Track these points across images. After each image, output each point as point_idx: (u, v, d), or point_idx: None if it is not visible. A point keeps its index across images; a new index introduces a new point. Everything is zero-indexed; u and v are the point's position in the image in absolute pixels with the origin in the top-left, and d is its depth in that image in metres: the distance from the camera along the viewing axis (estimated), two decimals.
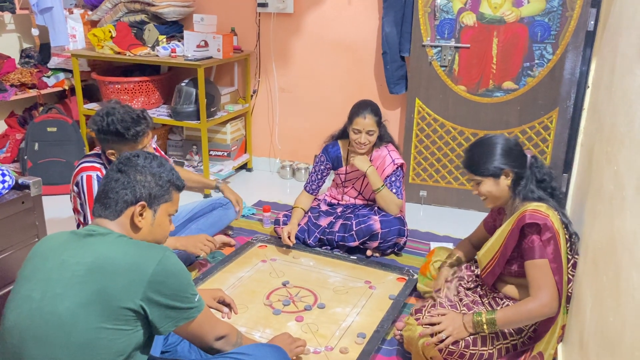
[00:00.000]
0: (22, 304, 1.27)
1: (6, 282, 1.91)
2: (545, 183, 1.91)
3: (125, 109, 2.22)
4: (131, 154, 1.45)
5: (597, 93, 2.08)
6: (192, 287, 1.37)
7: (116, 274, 1.25)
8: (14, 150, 3.75)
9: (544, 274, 1.74)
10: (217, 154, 3.90)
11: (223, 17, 3.83)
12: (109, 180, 1.39)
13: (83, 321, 1.22)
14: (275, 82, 3.92)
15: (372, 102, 2.78)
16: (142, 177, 1.40)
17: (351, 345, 2.02)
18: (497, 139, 1.93)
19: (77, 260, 1.27)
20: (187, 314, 1.35)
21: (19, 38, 3.95)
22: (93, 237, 1.32)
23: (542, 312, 1.73)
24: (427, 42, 3.24)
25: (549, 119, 3.17)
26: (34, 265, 1.32)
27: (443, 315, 1.82)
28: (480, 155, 1.92)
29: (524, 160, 1.92)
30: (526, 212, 1.79)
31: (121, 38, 3.65)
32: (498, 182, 1.90)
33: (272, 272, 2.57)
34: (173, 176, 1.47)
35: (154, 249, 1.33)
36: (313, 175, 2.92)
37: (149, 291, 1.26)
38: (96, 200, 1.40)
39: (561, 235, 1.80)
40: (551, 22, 3.03)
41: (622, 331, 1.12)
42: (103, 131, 2.20)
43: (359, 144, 2.71)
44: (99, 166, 2.30)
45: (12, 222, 1.90)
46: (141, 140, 2.25)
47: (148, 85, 3.74)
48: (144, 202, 1.39)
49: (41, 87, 3.77)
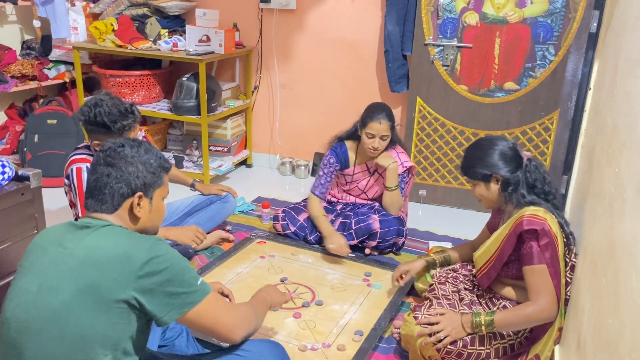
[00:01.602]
0: (19, 295, 1.27)
1: (5, 273, 1.91)
2: (537, 188, 1.89)
3: (113, 102, 2.20)
4: (115, 143, 1.41)
5: (599, 95, 2.08)
6: (191, 270, 1.34)
7: (107, 266, 1.24)
8: (13, 142, 3.75)
9: (542, 279, 1.74)
10: (217, 150, 3.90)
11: (225, 12, 3.83)
12: (101, 176, 1.37)
13: (76, 315, 1.22)
14: (277, 79, 3.92)
15: (387, 105, 2.69)
16: (133, 168, 1.38)
17: (349, 343, 2.02)
18: (494, 142, 1.93)
19: (71, 252, 1.27)
20: (190, 298, 1.31)
21: (21, 29, 3.93)
22: (89, 229, 1.31)
23: (541, 317, 1.73)
24: (429, 41, 3.23)
25: (549, 120, 3.17)
26: (32, 258, 1.32)
27: (441, 315, 1.82)
28: (474, 159, 1.94)
29: (517, 165, 1.90)
30: (523, 217, 1.78)
31: (123, 31, 3.64)
32: (489, 186, 1.93)
33: (271, 268, 2.57)
34: (161, 160, 1.46)
35: (145, 238, 1.32)
36: (322, 178, 2.81)
37: (142, 280, 1.24)
38: (89, 196, 1.38)
39: (559, 239, 1.79)
40: (554, 23, 3.03)
41: (621, 333, 1.12)
42: (90, 122, 2.18)
43: (372, 149, 2.64)
44: (89, 157, 2.28)
45: (12, 214, 1.90)
46: (127, 134, 2.23)
47: (149, 79, 3.73)
48: (140, 193, 1.39)
49: (42, 79, 3.76)
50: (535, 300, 1.74)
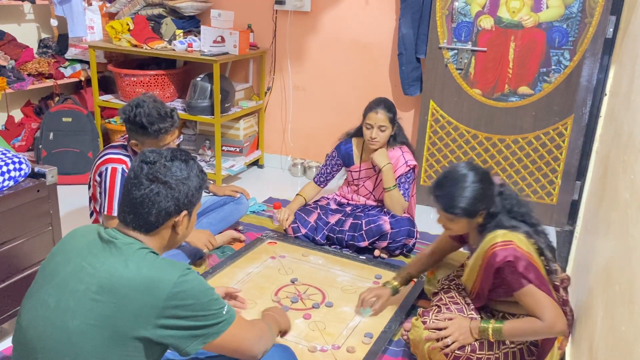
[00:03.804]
0: (37, 307, 1.25)
1: (20, 268, 1.93)
2: (514, 212, 1.84)
3: (155, 104, 2.23)
4: (164, 156, 1.34)
5: (614, 101, 2.06)
6: (217, 301, 1.30)
7: (127, 299, 1.18)
8: (29, 139, 3.79)
9: (537, 297, 1.70)
10: (230, 150, 3.91)
11: (240, 13, 3.84)
12: (149, 193, 1.28)
13: (91, 344, 1.19)
14: (290, 80, 3.93)
15: (387, 99, 2.80)
16: (185, 187, 1.33)
17: (358, 345, 2.02)
18: (470, 174, 1.81)
19: (93, 272, 1.22)
20: (214, 329, 1.28)
21: (38, 28, 3.98)
22: (114, 246, 1.26)
23: (552, 331, 1.70)
24: (443, 44, 3.23)
25: (563, 126, 3.15)
26: (55, 264, 1.29)
27: (450, 320, 1.81)
28: (455, 195, 1.79)
29: (494, 192, 1.83)
30: (494, 249, 1.73)
31: (138, 31, 3.67)
32: (472, 221, 1.84)
33: (281, 268, 2.58)
34: (203, 174, 1.42)
35: (172, 267, 1.25)
36: (323, 168, 2.97)
37: (163, 317, 1.20)
38: (130, 211, 1.31)
39: (533, 254, 1.76)
40: (569, 28, 3.01)
41: (635, 341, 1.12)
42: (129, 121, 2.24)
43: (370, 139, 2.71)
44: (125, 159, 2.31)
45: (27, 210, 1.92)
46: (163, 137, 2.26)
47: (163, 79, 3.76)
48: (186, 212, 1.36)
49: (58, 78, 3.80)
50: (541, 317, 1.70)
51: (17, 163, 1.91)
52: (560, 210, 3.28)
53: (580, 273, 2.18)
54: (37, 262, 1.99)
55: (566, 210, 3.28)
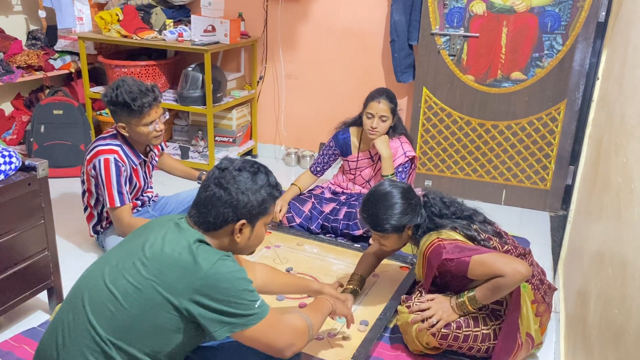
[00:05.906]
0: (102, 262, 1.39)
1: (12, 262, 1.92)
2: (443, 214, 1.93)
3: (135, 82, 2.28)
4: (234, 165, 1.42)
5: (607, 85, 2.06)
6: (252, 293, 1.34)
7: (170, 268, 1.28)
8: (20, 132, 3.76)
9: (484, 261, 1.74)
10: (223, 140, 3.90)
11: (230, 2, 3.81)
12: (212, 195, 1.38)
13: (129, 305, 1.28)
14: (282, 69, 3.91)
15: (389, 89, 2.80)
16: (245, 197, 1.38)
17: (354, 333, 2.03)
18: (394, 192, 1.92)
19: (154, 241, 1.34)
20: (244, 320, 1.32)
21: (26, 20, 3.93)
22: (178, 227, 1.38)
23: (517, 277, 1.72)
24: (435, 30, 3.21)
25: (556, 111, 3.15)
26: (131, 237, 1.44)
27: (431, 300, 1.87)
28: (381, 214, 1.90)
29: (418, 204, 1.95)
30: (427, 253, 1.84)
31: (128, 21, 3.64)
32: (401, 235, 1.95)
33: (276, 258, 2.58)
34: (273, 189, 1.44)
35: (213, 252, 1.33)
36: (319, 157, 2.96)
37: (198, 294, 1.27)
38: (195, 207, 1.41)
39: (461, 238, 1.85)
40: (562, 12, 3.00)
41: (627, 323, 1.12)
42: (112, 102, 2.27)
43: (371, 129, 2.70)
44: (116, 148, 2.31)
45: (19, 204, 1.90)
46: (147, 113, 2.28)
47: (154, 70, 3.73)
48: (244, 221, 1.40)
49: (47, 70, 3.76)
50: (500, 272, 1.72)
51: (7, 157, 1.89)
52: (554, 195, 3.29)
53: (574, 257, 2.19)
54: (29, 256, 1.98)
55: (560, 195, 3.29)
